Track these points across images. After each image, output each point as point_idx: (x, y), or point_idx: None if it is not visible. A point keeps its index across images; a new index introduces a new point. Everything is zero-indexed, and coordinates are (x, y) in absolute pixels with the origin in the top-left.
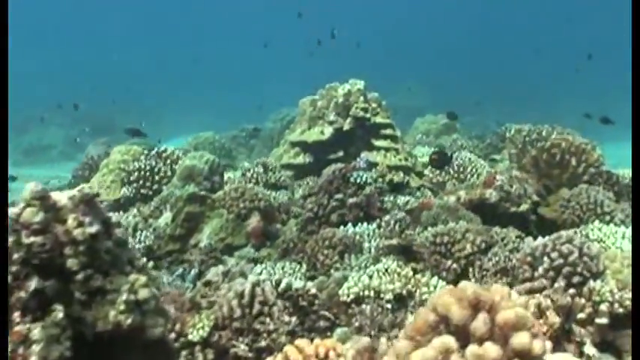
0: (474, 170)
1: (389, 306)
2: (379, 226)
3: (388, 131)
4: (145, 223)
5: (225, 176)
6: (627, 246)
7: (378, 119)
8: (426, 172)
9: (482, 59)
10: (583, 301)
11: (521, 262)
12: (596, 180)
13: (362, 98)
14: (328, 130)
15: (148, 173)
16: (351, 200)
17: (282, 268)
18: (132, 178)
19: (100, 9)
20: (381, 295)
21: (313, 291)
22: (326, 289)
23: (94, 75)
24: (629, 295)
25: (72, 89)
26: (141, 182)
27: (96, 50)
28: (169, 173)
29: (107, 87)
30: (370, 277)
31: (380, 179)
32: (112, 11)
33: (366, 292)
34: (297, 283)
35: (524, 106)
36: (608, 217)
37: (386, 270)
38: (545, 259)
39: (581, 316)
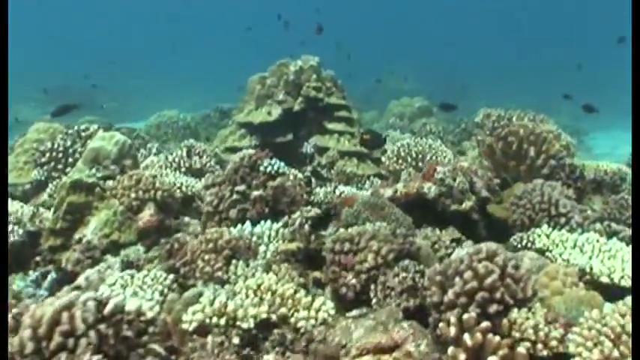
0: (434, 158)
1: (236, 341)
2: (285, 225)
3: (343, 113)
4: (34, 213)
5: (148, 160)
6: (577, 258)
7: (333, 100)
8: (384, 159)
9: (476, 42)
10: (497, 339)
11: (430, 281)
12: (557, 174)
13: (315, 76)
14: (276, 111)
15: (60, 154)
16: (255, 193)
17: (144, 277)
18: (43, 160)
19: None
20: (238, 323)
21: (150, 315)
22: (174, 312)
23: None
24: (558, 332)
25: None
26: (53, 164)
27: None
28: None
29: (87, 64)
30: (231, 296)
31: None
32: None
33: (215, 319)
34: (133, 304)
35: (520, 91)
36: (562, 220)
37: (258, 286)
38: (458, 279)
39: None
